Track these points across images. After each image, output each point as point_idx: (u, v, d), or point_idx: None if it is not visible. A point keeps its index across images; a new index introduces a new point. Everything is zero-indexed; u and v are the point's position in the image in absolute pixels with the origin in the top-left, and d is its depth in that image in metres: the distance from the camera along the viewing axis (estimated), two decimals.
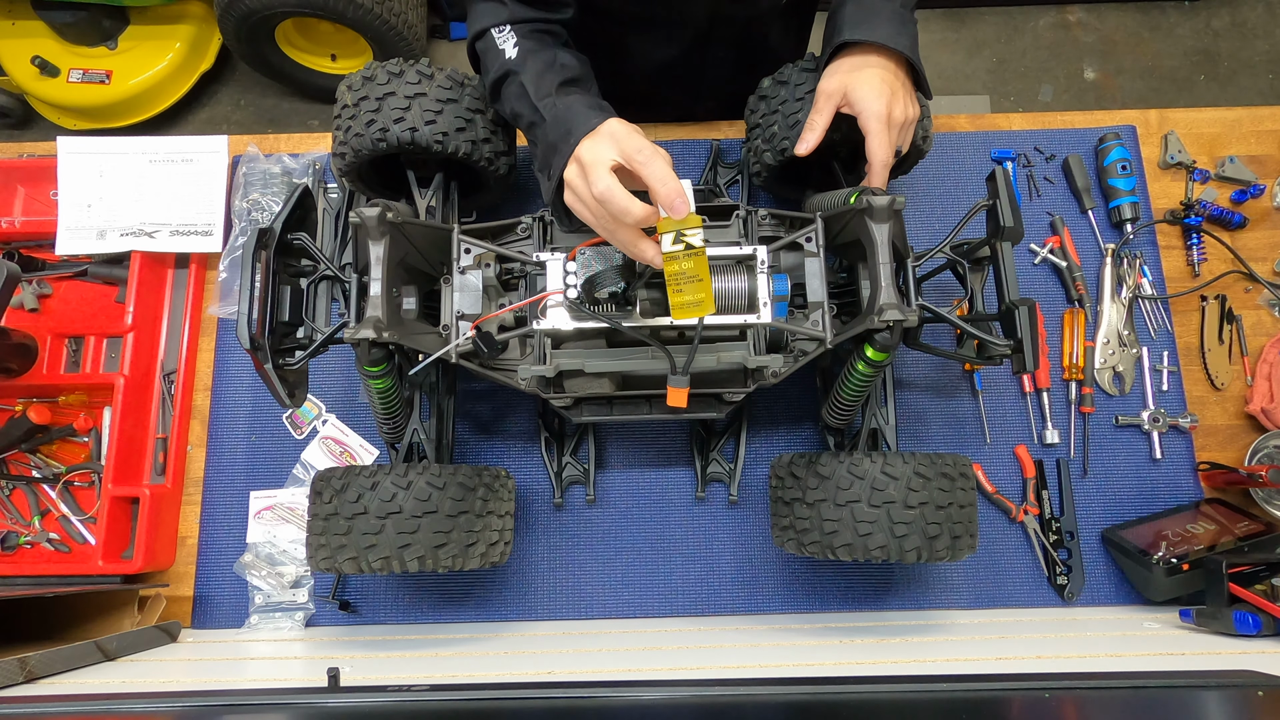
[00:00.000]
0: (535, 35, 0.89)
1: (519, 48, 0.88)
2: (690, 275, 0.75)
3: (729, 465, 1.06)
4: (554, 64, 0.86)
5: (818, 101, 0.87)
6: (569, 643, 0.96)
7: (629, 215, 0.73)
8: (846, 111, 0.86)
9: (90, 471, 1.10)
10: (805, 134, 0.88)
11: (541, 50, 0.88)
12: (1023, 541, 1.05)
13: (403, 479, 0.82)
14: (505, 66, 0.87)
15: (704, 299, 0.76)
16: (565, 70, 0.86)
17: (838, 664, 0.83)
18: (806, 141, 0.88)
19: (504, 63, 0.88)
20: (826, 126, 0.87)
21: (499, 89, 0.89)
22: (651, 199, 0.74)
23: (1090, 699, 0.62)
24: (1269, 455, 1.05)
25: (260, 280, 0.85)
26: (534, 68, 0.86)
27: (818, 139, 0.88)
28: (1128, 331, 1.09)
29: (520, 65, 0.87)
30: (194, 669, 0.88)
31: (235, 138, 1.18)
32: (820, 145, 0.92)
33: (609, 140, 0.76)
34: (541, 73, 0.86)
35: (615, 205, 0.73)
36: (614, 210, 0.74)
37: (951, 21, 2.51)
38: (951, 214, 1.15)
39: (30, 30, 2.16)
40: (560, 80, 0.85)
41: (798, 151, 0.89)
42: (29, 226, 1.15)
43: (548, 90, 0.84)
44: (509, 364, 0.95)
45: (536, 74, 0.86)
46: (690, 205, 0.72)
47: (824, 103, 0.87)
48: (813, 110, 0.88)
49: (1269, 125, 1.19)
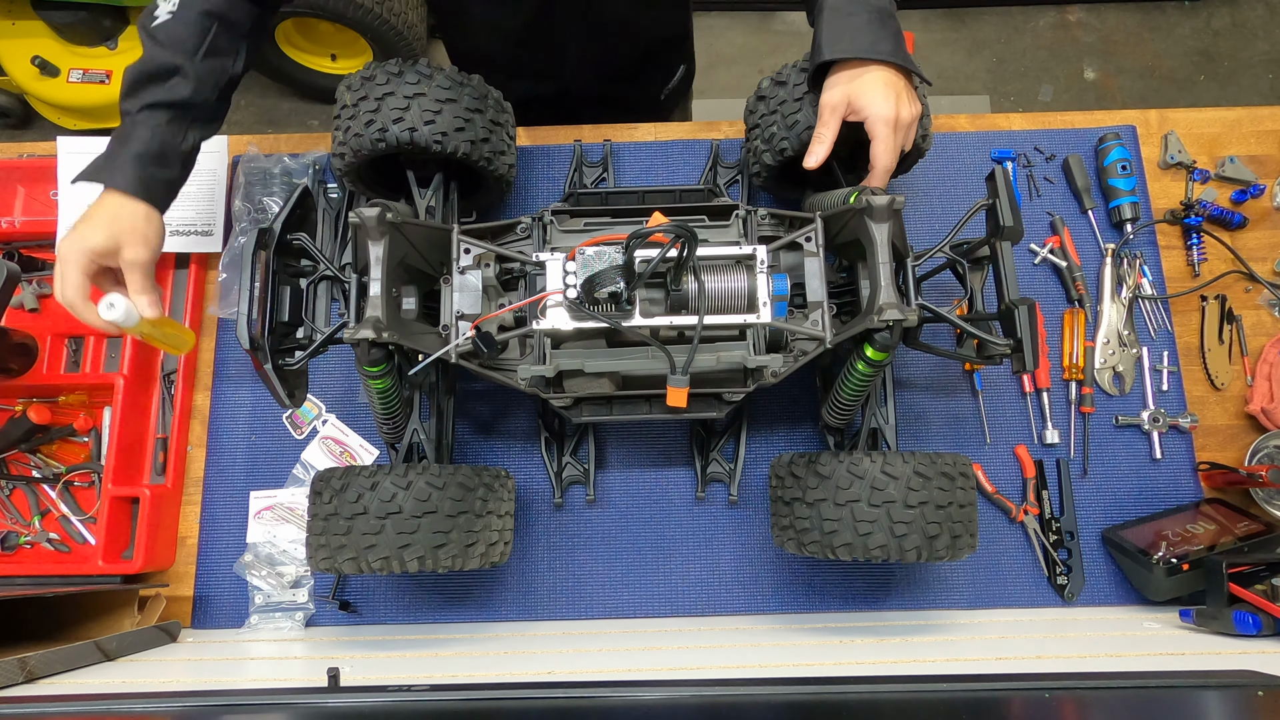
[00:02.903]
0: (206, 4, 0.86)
1: (180, 8, 0.85)
2: (165, 334, 0.90)
3: (729, 465, 1.06)
4: (169, 69, 0.83)
5: (822, 115, 0.87)
6: (569, 643, 0.96)
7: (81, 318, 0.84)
8: (854, 119, 0.86)
9: (90, 471, 1.10)
10: (814, 146, 0.88)
11: (186, 36, 0.84)
12: (1023, 541, 1.05)
13: (403, 479, 0.82)
14: (152, 22, 0.85)
15: (186, 336, 0.94)
16: (176, 87, 0.84)
17: (838, 664, 0.83)
18: (815, 154, 0.87)
19: (152, 18, 0.85)
20: (834, 139, 0.87)
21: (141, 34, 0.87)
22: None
23: (1090, 699, 0.62)
24: (1269, 455, 1.05)
25: (260, 280, 0.85)
26: (152, 59, 0.84)
27: (826, 151, 0.87)
28: (1128, 331, 1.09)
29: (153, 35, 0.84)
30: (194, 669, 0.88)
31: (235, 138, 1.18)
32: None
33: (108, 226, 0.82)
34: (149, 72, 0.83)
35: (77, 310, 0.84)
36: (75, 309, 0.84)
37: (951, 21, 2.51)
38: (951, 214, 1.15)
39: (30, 30, 2.16)
40: (155, 100, 0.83)
41: (807, 165, 0.88)
42: (29, 226, 1.15)
43: (137, 95, 0.83)
44: (509, 364, 0.95)
45: (145, 69, 0.84)
46: (135, 319, 0.84)
47: (829, 116, 0.86)
48: (819, 124, 0.87)
49: (1269, 125, 1.19)
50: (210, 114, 0.89)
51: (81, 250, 0.82)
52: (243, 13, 0.88)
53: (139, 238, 0.84)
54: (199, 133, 0.88)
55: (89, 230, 0.82)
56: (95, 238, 0.82)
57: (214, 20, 0.86)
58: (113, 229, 0.83)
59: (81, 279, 0.83)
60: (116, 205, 0.83)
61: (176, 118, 0.85)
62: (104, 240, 0.82)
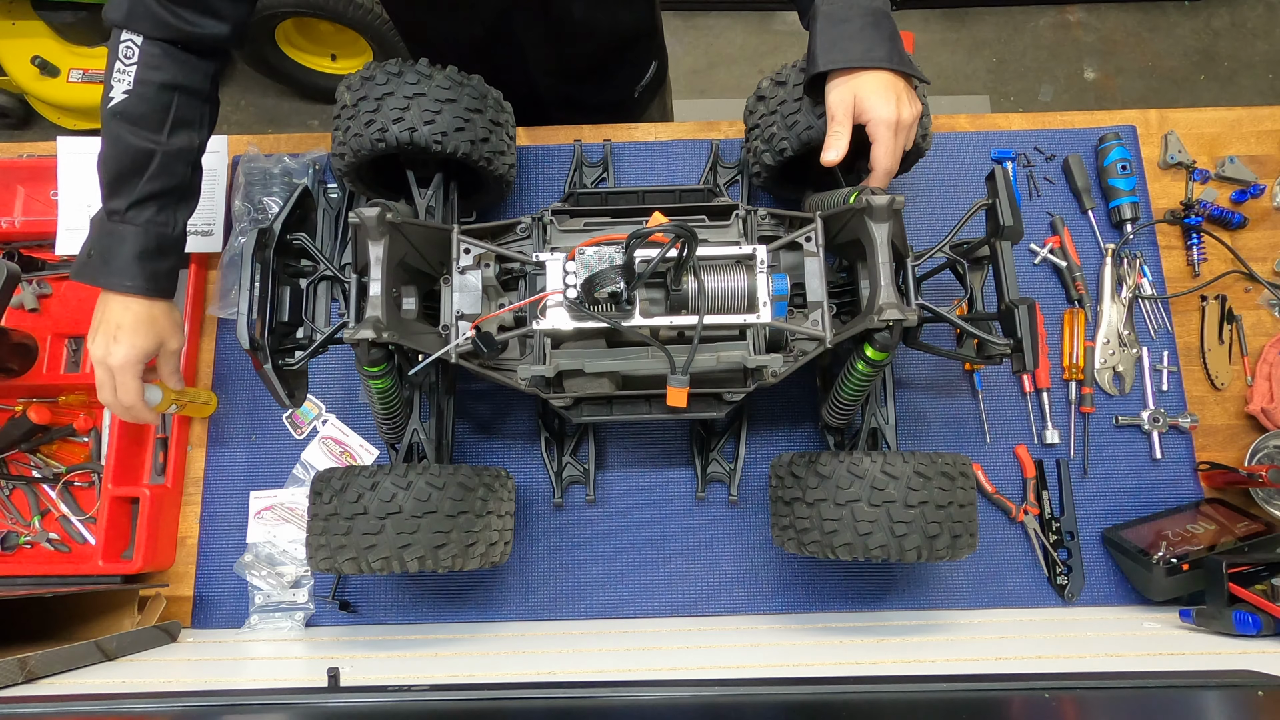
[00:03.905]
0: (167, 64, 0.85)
1: (136, 84, 0.84)
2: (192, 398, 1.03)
3: (729, 465, 1.06)
4: (144, 156, 0.84)
5: (835, 114, 0.86)
6: (569, 643, 0.96)
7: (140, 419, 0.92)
8: (856, 121, 0.86)
9: (90, 471, 1.10)
10: (832, 141, 0.86)
11: (148, 113, 0.84)
12: (1023, 541, 1.05)
13: (402, 479, 0.82)
14: (109, 103, 0.84)
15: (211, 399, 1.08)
16: (155, 178, 0.84)
17: (838, 664, 0.83)
18: (836, 149, 0.86)
19: (108, 99, 0.85)
20: (850, 134, 0.86)
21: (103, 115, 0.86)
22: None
23: (1090, 699, 0.62)
24: (1269, 455, 1.05)
25: (260, 280, 0.85)
26: (124, 149, 0.83)
27: (846, 144, 0.86)
28: (1128, 331, 1.09)
29: (117, 118, 0.84)
30: (194, 669, 0.88)
31: (235, 138, 1.18)
32: (819, 145, 0.92)
33: (151, 329, 0.88)
34: (125, 165, 0.84)
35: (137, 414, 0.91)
36: (136, 412, 0.91)
37: (951, 21, 2.51)
38: (951, 214, 1.15)
39: (30, 30, 2.16)
40: (140, 196, 0.84)
41: (826, 160, 0.87)
42: (29, 226, 1.15)
43: (121, 194, 0.84)
44: (509, 364, 0.95)
45: (121, 163, 0.84)
46: (159, 399, 0.94)
47: (842, 115, 0.85)
48: (833, 123, 0.86)
49: (1269, 125, 1.19)
50: (189, 190, 0.90)
51: (135, 359, 0.87)
52: (199, 76, 0.88)
53: (177, 328, 0.92)
54: (185, 212, 0.90)
55: (135, 339, 0.87)
56: (145, 344, 0.87)
57: (173, 92, 0.86)
58: (155, 330, 0.89)
59: (138, 385, 0.88)
60: (144, 309, 0.87)
61: (163, 206, 0.87)
62: (152, 343, 0.88)
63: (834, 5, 0.86)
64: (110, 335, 0.86)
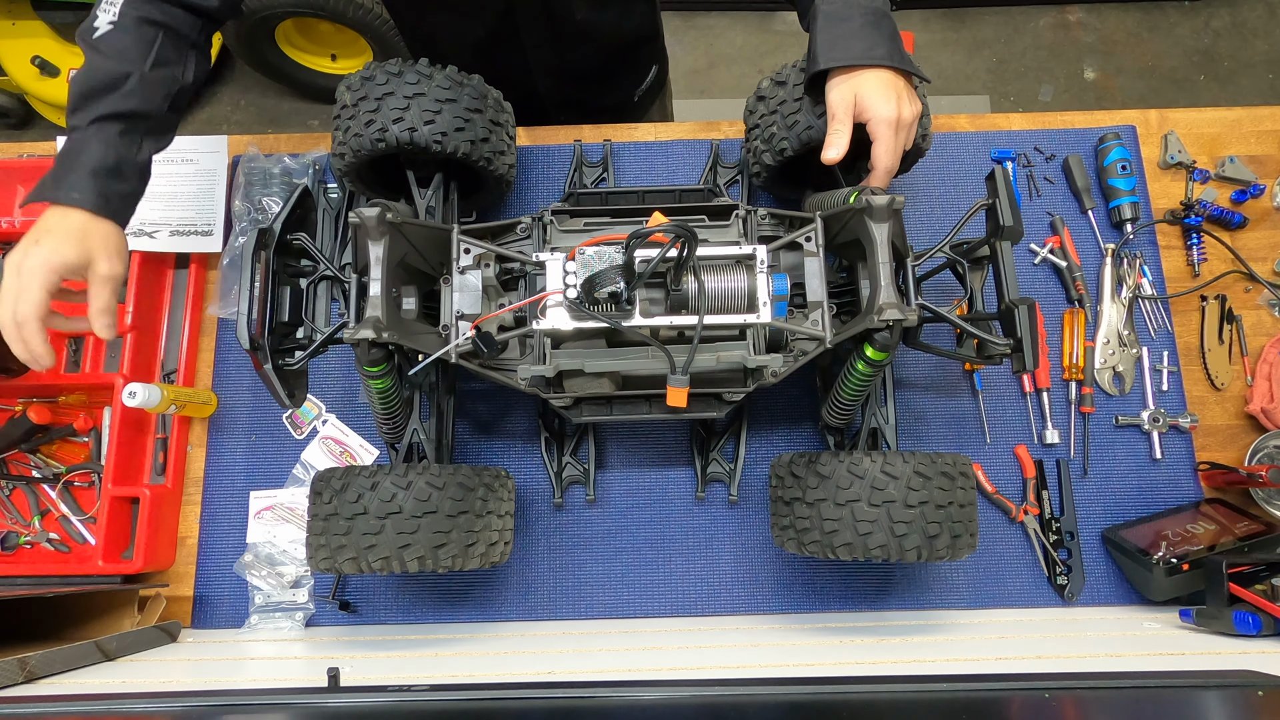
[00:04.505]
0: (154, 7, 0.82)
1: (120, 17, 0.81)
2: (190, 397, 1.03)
3: (729, 465, 1.06)
4: (118, 78, 0.80)
5: (836, 112, 0.86)
6: (569, 643, 0.96)
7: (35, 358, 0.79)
8: (856, 120, 0.86)
9: (90, 471, 1.10)
10: (834, 139, 0.86)
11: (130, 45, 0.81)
12: (1023, 541, 1.05)
13: (402, 479, 0.82)
14: (93, 34, 0.81)
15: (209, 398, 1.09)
16: (126, 98, 0.80)
17: (838, 664, 0.83)
18: (837, 147, 0.86)
19: (91, 29, 0.82)
20: (850, 132, 0.86)
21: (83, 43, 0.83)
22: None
23: (1090, 699, 0.62)
24: (1269, 455, 1.05)
25: (260, 280, 0.85)
26: (99, 69, 0.80)
27: (847, 143, 0.86)
28: (1128, 331, 1.09)
29: (96, 46, 0.81)
30: (194, 669, 0.88)
31: (235, 138, 1.18)
32: (819, 145, 0.92)
33: (79, 240, 0.78)
34: (97, 83, 0.80)
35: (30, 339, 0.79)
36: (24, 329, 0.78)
37: (951, 21, 2.51)
38: (951, 214, 1.15)
39: (30, 30, 2.16)
40: (106, 112, 0.80)
41: (827, 158, 0.87)
42: (29, 227, 1.14)
43: (86, 109, 0.80)
44: (509, 364, 0.95)
45: (93, 81, 0.80)
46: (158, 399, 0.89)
47: (843, 113, 0.85)
48: (834, 121, 0.86)
49: (1269, 125, 1.19)
50: (163, 125, 0.86)
51: (51, 265, 0.77)
52: (187, 24, 0.86)
53: (113, 252, 0.81)
54: (153, 144, 0.85)
55: (57, 244, 0.77)
56: (68, 254, 0.77)
57: (158, 29, 0.83)
58: (85, 244, 0.78)
59: (43, 296, 0.77)
60: (81, 220, 0.79)
61: (129, 129, 0.81)
62: (76, 255, 0.78)
63: (834, 4, 0.86)
64: (33, 239, 0.77)
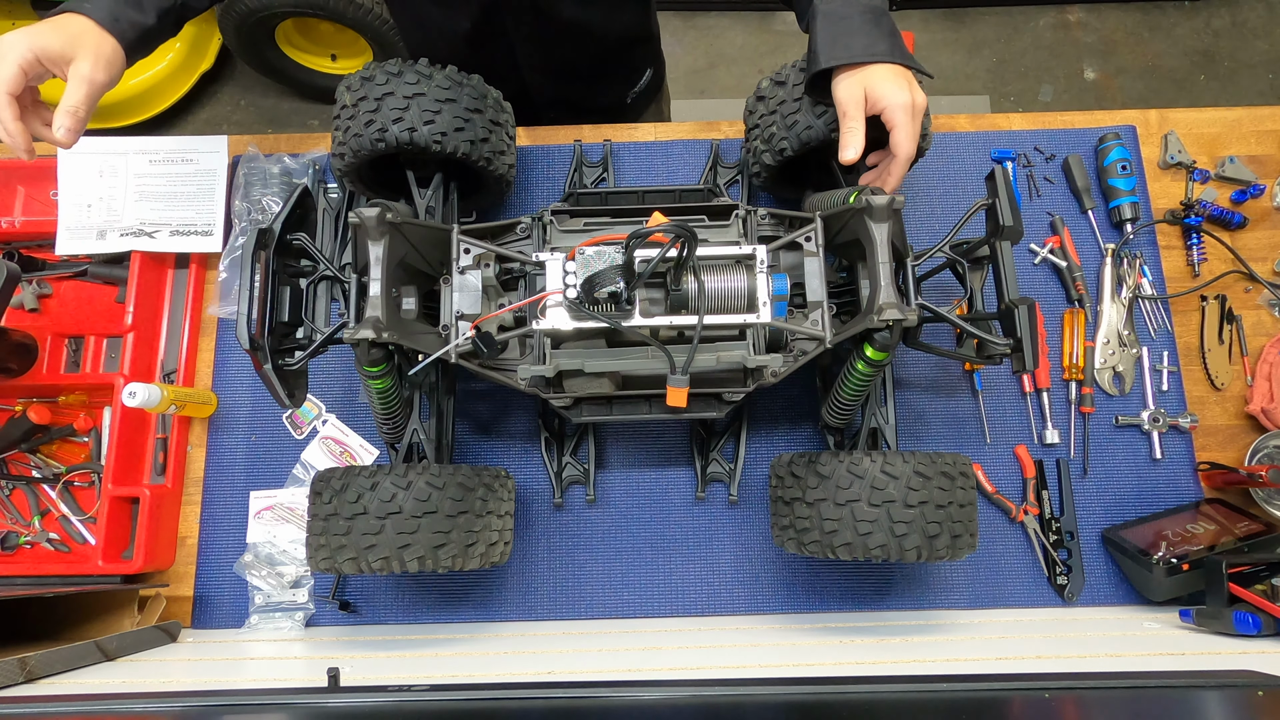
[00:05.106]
0: None
1: None
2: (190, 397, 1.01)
3: (729, 465, 1.06)
4: None
5: (847, 110, 0.84)
6: (569, 643, 0.96)
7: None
8: (870, 113, 0.85)
9: (90, 471, 1.10)
10: (849, 139, 0.84)
11: None
12: (1023, 541, 1.05)
13: (402, 479, 0.82)
14: None
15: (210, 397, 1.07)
16: None
17: (838, 664, 0.83)
18: (853, 146, 0.84)
19: None
20: (865, 128, 0.85)
21: None
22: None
23: (1090, 699, 0.62)
24: (1269, 455, 1.05)
25: (260, 280, 0.85)
26: None
27: (862, 141, 0.84)
28: (1128, 331, 1.09)
29: None
30: (194, 669, 0.88)
31: (235, 138, 1.18)
32: (819, 145, 0.92)
33: (68, 36, 0.77)
34: None
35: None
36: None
37: (951, 21, 2.51)
38: (951, 214, 1.15)
39: None
40: None
41: (845, 158, 0.85)
42: (29, 226, 1.15)
43: None
44: (509, 364, 0.95)
45: None
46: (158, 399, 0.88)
47: (855, 110, 0.84)
48: (845, 119, 0.85)
49: (1269, 125, 1.19)
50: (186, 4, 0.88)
51: (30, 44, 0.76)
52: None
53: (100, 59, 0.79)
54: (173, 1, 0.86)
55: (45, 30, 0.76)
56: (50, 38, 0.76)
57: None
58: (74, 41, 0.78)
59: (15, 71, 0.76)
60: (82, 24, 0.79)
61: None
62: (59, 44, 0.76)
63: (833, 3, 0.86)
64: (19, 30, 0.77)
